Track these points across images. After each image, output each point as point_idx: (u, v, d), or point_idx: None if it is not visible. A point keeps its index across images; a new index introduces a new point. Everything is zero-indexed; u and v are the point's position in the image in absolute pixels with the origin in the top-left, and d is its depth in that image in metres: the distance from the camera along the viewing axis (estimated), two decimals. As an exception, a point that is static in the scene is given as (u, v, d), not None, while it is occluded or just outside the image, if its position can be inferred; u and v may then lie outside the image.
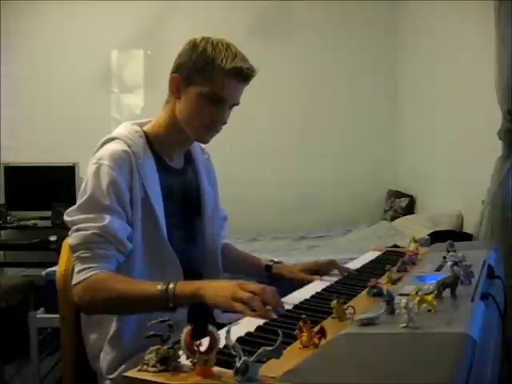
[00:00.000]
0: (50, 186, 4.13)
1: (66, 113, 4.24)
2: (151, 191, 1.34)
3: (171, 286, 1.17)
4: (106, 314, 1.33)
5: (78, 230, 1.26)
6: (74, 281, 1.24)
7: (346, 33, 4.41)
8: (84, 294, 1.23)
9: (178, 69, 1.39)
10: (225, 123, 1.40)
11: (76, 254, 1.26)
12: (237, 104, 1.40)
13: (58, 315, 1.43)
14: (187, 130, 1.40)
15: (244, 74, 1.35)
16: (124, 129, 1.41)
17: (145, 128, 1.44)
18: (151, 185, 1.35)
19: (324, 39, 4.40)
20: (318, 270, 1.56)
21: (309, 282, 1.49)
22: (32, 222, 4.02)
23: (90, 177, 1.30)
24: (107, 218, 1.25)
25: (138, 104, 4.47)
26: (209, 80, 1.34)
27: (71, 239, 1.27)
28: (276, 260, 1.68)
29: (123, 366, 1.29)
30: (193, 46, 1.37)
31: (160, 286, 1.17)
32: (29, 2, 4.20)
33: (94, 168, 1.31)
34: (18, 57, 4.30)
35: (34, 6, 4.24)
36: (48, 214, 3.92)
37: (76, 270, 1.25)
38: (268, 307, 1.12)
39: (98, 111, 4.31)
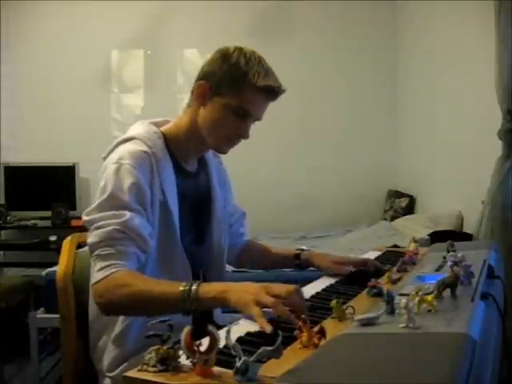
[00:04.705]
0: (50, 185, 4.13)
1: (66, 113, 4.24)
2: (169, 193, 1.33)
3: (194, 287, 1.11)
4: (125, 314, 1.29)
5: (98, 227, 1.23)
6: (94, 279, 1.20)
7: (346, 33, 4.41)
8: (104, 293, 1.18)
9: (206, 76, 1.37)
10: (247, 138, 1.39)
11: (96, 252, 1.22)
12: (259, 119, 1.40)
13: (58, 315, 1.43)
14: (208, 139, 1.39)
15: (274, 93, 1.35)
16: (142, 129, 1.39)
17: (162, 129, 1.42)
18: (169, 187, 1.34)
19: (324, 39, 4.40)
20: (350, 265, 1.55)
21: (336, 273, 1.51)
22: (32, 221, 4.02)
23: (110, 176, 1.27)
24: (127, 214, 1.23)
25: (137, 104, 4.46)
26: (238, 94, 1.32)
27: (91, 238, 1.23)
28: (304, 248, 1.69)
29: (124, 365, 1.29)
30: (224, 55, 1.35)
31: (182, 287, 1.12)
32: (29, 2, 4.20)
33: (114, 167, 1.28)
34: (17, 57, 4.30)
35: (34, 5, 4.24)
36: (48, 214, 3.92)
37: (96, 268, 1.21)
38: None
39: (98, 111, 4.31)
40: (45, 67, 4.30)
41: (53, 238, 3.76)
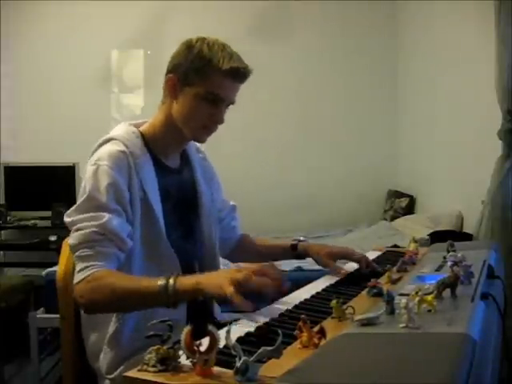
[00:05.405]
0: (50, 185, 4.13)
1: (66, 113, 4.24)
2: (149, 191, 1.36)
3: (171, 281, 1.15)
4: (107, 312, 1.32)
5: (78, 229, 1.27)
6: (75, 280, 1.24)
7: (345, 33, 4.41)
8: (85, 292, 1.23)
9: (173, 69, 1.40)
10: (222, 123, 1.41)
11: (77, 254, 1.26)
12: (232, 103, 1.42)
13: (58, 315, 1.43)
14: (184, 130, 1.41)
15: (241, 74, 1.37)
16: (120, 130, 1.42)
17: (141, 128, 1.45)
18: (149, 184, 1.36)
19: (323, 39, 4.40)
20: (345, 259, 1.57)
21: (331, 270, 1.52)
22: (32, 222, 4.02)
23: (89, 178, 1.31)
24: (106, 216, 1.26)
25: (137, 104, 4.47)
26: (206, 80, 1.35)
27: (71, 239, 1.28)
28: (301, 238, 1.70)
29: (123, 366, 1.30)
30: (188, 46, 1.39)
31: (160, 282, 1.16)
32: (29, 2, 4.20)
33: (92, 169, 1.32)
34: (17, 57, 4.30)
35: (34, 6, 4.24)
36: (48, 214, 3.92)
37: (77, 268, 1.25)
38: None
39: (98, 111, 4.31)
40: (45, 67, 4.30)
41: (53, 238, 3.75)
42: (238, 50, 1.41)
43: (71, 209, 1.31)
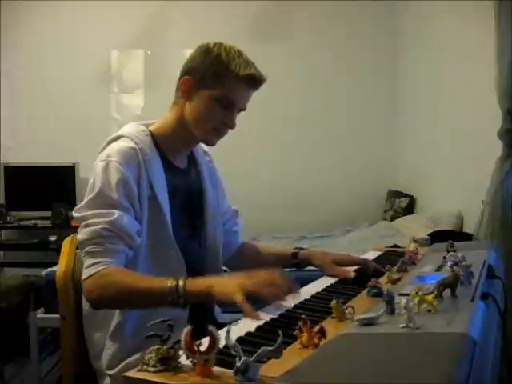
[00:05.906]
0: (50, 185, 4.13)
1: (66, 113, 4.24)
2: (158, 188, 1.36)
3: (181, 282, 1.17)
4: (115, 308, 1.33)
5: (87, 225, 1.27)
6: (84, 275, 1.25)
7: (345, 33, 4.41)
8: (94, 289, 1.23)
9: (189, 72, 1.41)
10: (233, 127, 1.43)
11: (85, 249, 1.26)
12: (244, 109, 1.44)
13: (58, 315, 1.43)
14: (195, 132, 1.42)
15: (256, 81, 1.40)
16: (130, 128, 1.43)
17: (151, 128, 1.46)
18: (158, 182, 1.37)
19: (323, 39, 4.40)
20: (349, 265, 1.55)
21: (337, 274, 1.49)
22: (32, 222, 4.02)
23: (99, 173, 1.31)
24: (116, 213, 1.26)
25: (138, 104, 4.47)
26: (222, 84, 1.37)
27: (80, 235, 1.28)
28: (302, 246, 1.70)
29: (124, 363, 1.30)
30: (206, 50, 1.40)
31: (170, 283, 1.17)
32: (29, 2, 4.20)
33: (102, 165, 1.32)
34: (18, 57, 4.30)
35: (33, 5, 4.23)
36: (48, 214, 3.92)
37: (85, 264, 1.25)
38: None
39: (98, 111, 4.31)
40: (45, 67, 4.30)
41: (53, 238, 3.76)
42: (238, 49, 1.42)
43: (81, 204, 1.31)
